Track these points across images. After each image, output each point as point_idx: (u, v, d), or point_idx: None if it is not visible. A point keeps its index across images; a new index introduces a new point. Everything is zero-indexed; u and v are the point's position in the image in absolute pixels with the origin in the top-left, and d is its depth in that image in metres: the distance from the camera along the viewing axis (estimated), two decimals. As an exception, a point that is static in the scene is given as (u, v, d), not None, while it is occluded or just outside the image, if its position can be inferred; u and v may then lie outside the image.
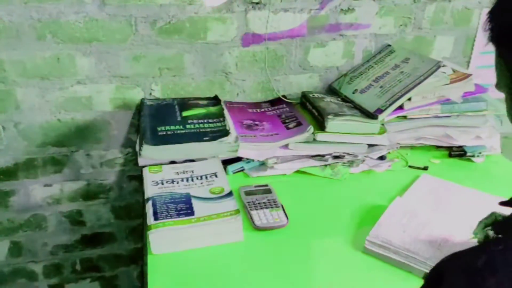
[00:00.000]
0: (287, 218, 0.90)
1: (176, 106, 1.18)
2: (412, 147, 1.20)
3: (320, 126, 1.10)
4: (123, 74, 1.19)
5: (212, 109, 1.18)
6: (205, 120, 1.12)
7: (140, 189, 1.32)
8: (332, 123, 1.07)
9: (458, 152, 1.16)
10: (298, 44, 1.27)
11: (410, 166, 1.13)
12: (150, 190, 0.91)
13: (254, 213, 0.91)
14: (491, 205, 0.93)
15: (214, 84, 1.26)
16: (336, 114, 1.08)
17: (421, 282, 0.55)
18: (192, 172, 0.98)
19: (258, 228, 0.88)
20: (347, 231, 0.89)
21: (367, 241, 0.84)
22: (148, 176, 0.96)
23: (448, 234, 0.85)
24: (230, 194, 0.90)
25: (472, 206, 0.95)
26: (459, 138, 1.16)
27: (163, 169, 0.99)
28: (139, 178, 1.16)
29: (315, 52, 1.29)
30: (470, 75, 1.14)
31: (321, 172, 1.08)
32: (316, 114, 1.14)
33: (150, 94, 1.23)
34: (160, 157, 1.01)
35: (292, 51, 1.28)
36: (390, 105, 1.11)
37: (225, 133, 1.04)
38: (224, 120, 1.11)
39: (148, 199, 0.88)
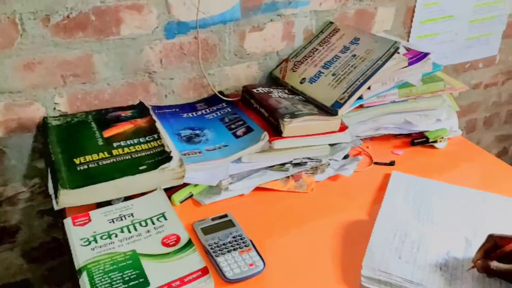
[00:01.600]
0: (263, 260, 0.73)
1: (93, 123, 0.93)
2: (371, 139, 1.09)
3: (275, 130, 0.93)
4: (13, 89, 0.91)
5: (141, 121, 0.95)
6: (135, 140, 0.89)
7: (57, 224, 1.07)
8: (289, 127, 0.90)
9: (420, 140, 1.07)
10: (232, 29, 1.07)
11: (375, 163, 1.01)
12: (81, 255, 0.68)
13: (221, 260, 0.72)
14: (470, 201, 0.87)
15: (135, 87, 1.02)
16: (293, 115, 0.92)
17: None
18: (132, 216, 0.77)
19: (230, 281, 0.70)
20: (334, 263, 0.75)
21: (363, 277, 0.70)
22: (73, 232, 0.73)
23: (444, 252, 0.75)
24: (189, 243, 0.71)
25: (454, 205, 0.87)
26: (420, 124, 1.07)
27: (92, 218, 0.76)
28: (54, 213, 0.90)
29: (251, 37, 1.10)
30: (427, 54, 1.04)
31: (284, 186, 0.92)
32: (267, 115, 0.97)
33: (54, 109, 0.96)
34: (85, 202, 0.78)
35: (225, 38, 1.07)
36: (349, 97, 0.96)
37: (165, 157, 0.83)
38: (159, 137, 0.89)
39: (80, 271, 0.66)
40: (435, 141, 1.07)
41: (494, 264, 0.66)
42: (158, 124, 0.94)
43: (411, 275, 0.70)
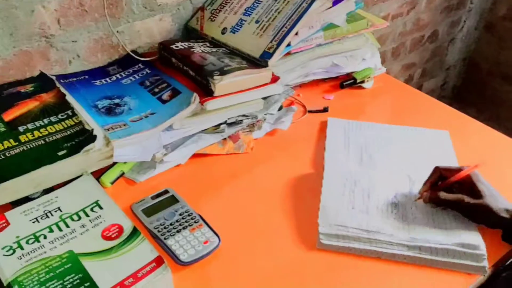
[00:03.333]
0: (217, 234, 0.68)
1: (-13, 106, 0.78)
2: (301, 86, 1.05)
3: (204, 89, 0.85)
4: None
5: (47, 97, 0.81)
6: (46, 120, 0.76)
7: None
8: (220, 85, 0.83)
9: (349, 82, 1.05)
10: (138, -22, 0.93)
11: (309, 111, 0.98)
12: (7, 267, 0.58)
13: (172, 243, 0.66)
14: (405, 138, 0.88)
15: (32, 56, 0.87)
16: (222, 71, 0.84)
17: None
18: (59, 210, 0.66)
19: (186, 264, 0.65)
20: (289, 224, 0.73)
21: (321, 234, 0.69)
22: (-9, 241, 0.61)
23: (393, 194, 0.76)
24: (135, 232, 0.63)
25: (391, 145, 0.88)
26: (347, 65, 1.05)
27: (10, 221, 0.64)
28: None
29: (160, -15, 0.97)
30: (349, -8, 1.00)
31: (222, 149, 0.86)
32: (193, 73, 0.88)
33: None
34: (-2, 203, 0.65)
35: (131, -12, 0.93)
36: (278, 45, 0.91)
37: (87, 136, 0.72)
38: (74, 113, 0.77)
39: (10, 286, 0.56)
40: (363, 81, 1.06)
41: (443, 194, 0.69)
42: (69, 98, 0.81)
43: (367, 223, 0.70)
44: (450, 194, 0.70)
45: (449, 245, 0.67)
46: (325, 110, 0.99)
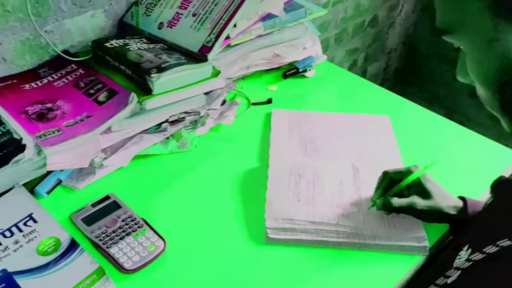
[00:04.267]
0: (162, 238, 0.67)
1: None
2: (244, 78, 1.04)
3: (142, 88, 0.82)
4: None
5: (-31, 106, 0.76)
6: (-31, 131, 0.71)
7: None
8: (159, 83, 0.80)
9: (291, 71, 1.05)
10: (63, -27, 0.88)
11: (253, 104, 0.98)
12: None
13: (115, 251, 0.64)
14: (347, 125, 0.90)
15: (-50, 61, 0.80)
16: (160, 69, 0.81)
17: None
18: (-10, 227, 0.62)
19: (130, 272, 0.63)
20: (237, 220, 0.72)
21: (268, 229, 0.69)
22: None
23: (338, 183, 0.77)
24: (73, 244, 0.60)
25: (334, 133, 0.89)
26: (288, 55, 1.05)
27: None
28: None
29: (89, -20, 0.93)
30: (285, -19, 0.99)
31: (165, 148, 0.84)
32: (129, 72, 0.85)
33: None
34: None
35: (57, -15, 0.88)
36: (216, 38, 0.89)
37: (16, 146, 0.68)
38: (1, 122, 0.72)
39: None
40: (305, 70, 1.06)
41: (395, 201, 0.68)
42: (-5, 105, 0.76)
43: (312, 215, 0.71)
44: (402, 199, 0.69)
45: (391, 230, 0.68)
46: (269, 101, 0.99)
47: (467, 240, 0.49)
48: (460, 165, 0.84)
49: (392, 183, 0.70)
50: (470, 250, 0.46)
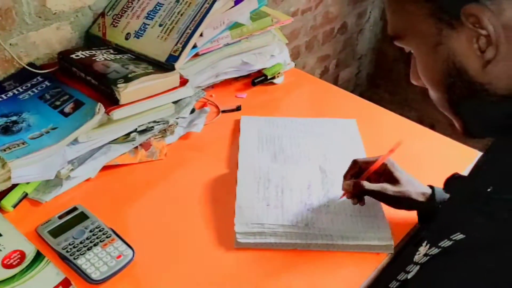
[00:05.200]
0: (130, 247, 0.67)
1: None
2: (213, 86, 1.05)
3: (109, 98, 0.82)
4: None
5: None
6: None
7: None
8: (126, 93, 0.81)
9: (260, 78, 1.07)
10: (27, -14, 0.88)
11: (223, 111, 0.98)
12: None
13: (82, 262, 0.63)
14: (314, 129, 0.91)
15: None
16: (127, 78, 0.82)
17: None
18: (-48, 243, 0.61)
19: (97, 283, 0.62)
20: (207, 227, 0.73)
21: (238, 233, 0.69)
22: None
23: (306, 186, 0.78)
24: (38, 256, 0.60)
25: (301, 138, 0.90)
26: (256, 62, 1.07)
27: None
28: None
29: (53, -8, 0.92)
30: (250, -10, 1.01)
31: (134, 158, 0.84)
32: (96, 83, 0.85)
33: None
34: None
35: (20, -2, 0.88)
36: (183, 48, 0.90)
37: (-21, 160, 0.67)
38: (-37, 136, 0.71)
39: None
40: (274, 77, 1.08)
41: (367, 184, 0.69)
42: (-43, 119, 0.75)
43: (282, 218, 0.72)
44: (373, 184, 0.70)
45: (358, 230, 0.70)
46: (238, 109, 1.00)
47: (426, 236, 0.51)
48: (426, 165, 0.86)
49: (361, 173, 0.72)
50: (428, 245, 0.48)
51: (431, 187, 0.71)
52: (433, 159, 0.89)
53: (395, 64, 2.24)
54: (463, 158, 0.89)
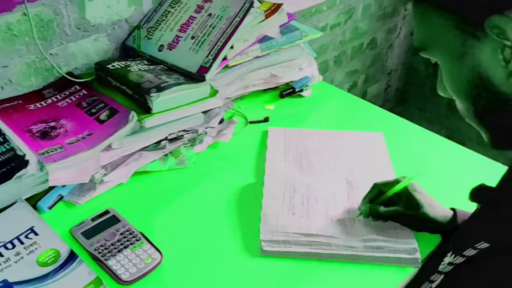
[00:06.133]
0: (159, 251, 0.68)
1: None
2: (242, 98, 1.07)
3: (142, 107, 0.85)
4: None
5: (-24, 125, 0.79)
6: (-25, 148, 0.74)
7: None
8: (158, 102, 0.84)
9: (288, 91, 1.09)
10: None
11: (251, 122, 1.00)
12: None
13: (113, 263, 0.66)
14: (341, 142, 0.92)
15: (-41, 83, 0.84)
16: (159, 88, 0.85)
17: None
18: (-8, 240, 0.64)
19: (127, 283, 0.64)
20: (233, 234, 0.74)
21: (263, 241, 0.70)
22: None
23: (332, 197, 0.79)
24: (72, 256, 0.62)
25: (328, 150, 0.91)
26: (285, 75, 1.08)
27: None
28: None
29: (92, 5, 0.97)
30: (281, 4, 1.03)
31: (164, 165, 0.86)
32: (130, 92, 0.88)
33: None
34: None
35: (61, 11, 0.93)
36: (214, 59, 0.92)
37: (19, 162, 0.70)
38: (5, 139, 0.76)
39: None
40: (301, 90, 1.09)
41: (383, 208, 0.70)
42: (0, 124, 0.79)
43: (306, 228, 0.72)
44: (390, 207, 0.71)
45: (383, 242, 0.70)
46: (266, 120, 1.01)
47: (451, 246, 0.51)
48: (455, 182, 0.85)
49: (381, 195, 0.72)
50: (453, 255, 0.48)
51: (453, 210, 0.70)
52: (463, 175, 0.88)
53: (427, 80, 2.22)
54: (494, 175, 0.88)
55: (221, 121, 0.98)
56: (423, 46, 0.49)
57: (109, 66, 0.94)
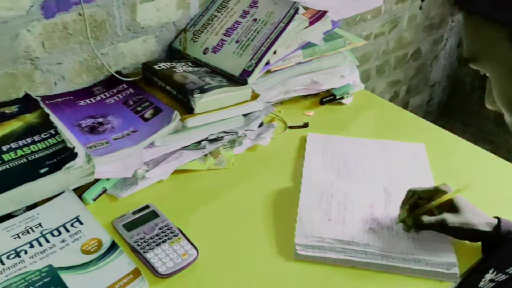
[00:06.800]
0: (195, 247, 0.70)
1: (-28, 127, 0.80)
2: (282, 103, 1.08)
3: (185, 107, 0.88)
4: None
5: (31, 117, 0.84)
6: (29, 139, 0.78)
7: None
8: (200, 103, 0.86)
9: (329, 98, 1.09)
10: (121, 2, 0.97)
11: (290, 127, 1.01)
12: (-14, 283, 0.59)
13: (151, 256, 0.68)
14: (381, 151, 0.91)
15: (16, 78, 0.89)
16: (202, 89, 0.87)
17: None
18: (40, 226, 0.68)
19: (164, 276, 0.66)
20: (268, 236, 0.75)
21: (297, 245, 0.71)
22: (-29, 257, 0.63)
23: (368, 205, 0.78)
24: (113, 246, 0.65)
25: (367, 158, 0.90)
26: (326, 82, 1.08)
27: (-8, 237, 0.66)
28: None
29: (143, 8, 1.01)
30: (326, 12, 1.04)
31: (204, 165, 0.88)
32: (174, 92, 0.91)
33: None
34: (-20, 220, 0.67)
35: (114, 12, 0.97)
36: (257, 64, 0.94)
37: (69, 154, 0.74)
38: (57, 132, 0.80)
39: (-11, 301, 0.57)
40: (342, 98, 1.09)
41: (426, 218, 0.69)
42: (53, 117, 0.84)
43: (342, 234, 0.72)
44: (433, 216, 0.69)
45: (421, 254, 0.68)
46: (305, 125, 1.02)
47: (493, 263, 0.49)
48: (500, 199, 0.82)
49: (419, 200, 0.71)
50: (495, 272, 0.47)
51: (497, 218, 0.68)
52: (506, 192, 0.85)
53: (472, 93, 2.16)
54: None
55: (261, 124, 0.99)
56: (473, 58, 0.48)
57: (155, 66, 0.97)
